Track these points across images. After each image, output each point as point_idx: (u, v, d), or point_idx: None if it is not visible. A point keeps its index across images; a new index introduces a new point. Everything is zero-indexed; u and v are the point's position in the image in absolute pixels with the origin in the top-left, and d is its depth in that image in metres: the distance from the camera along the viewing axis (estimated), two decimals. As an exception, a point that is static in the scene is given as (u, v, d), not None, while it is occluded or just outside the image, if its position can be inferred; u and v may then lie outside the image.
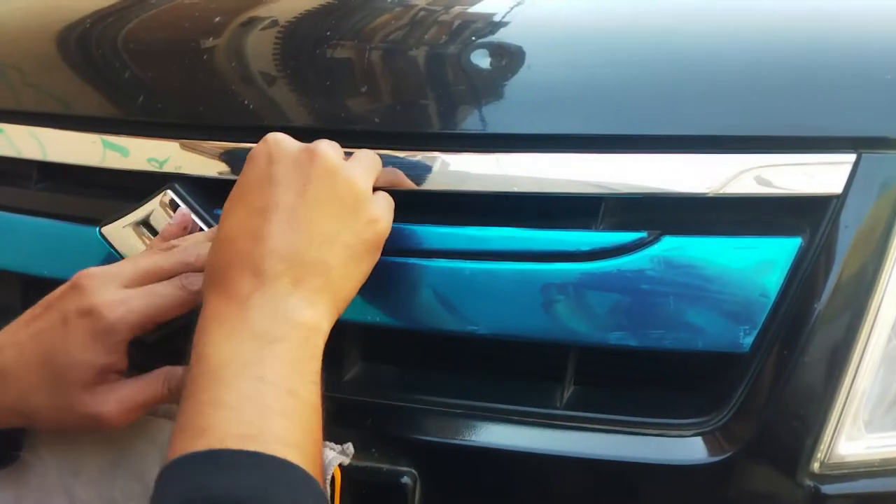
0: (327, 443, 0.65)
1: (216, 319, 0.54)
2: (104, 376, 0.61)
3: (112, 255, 0.73)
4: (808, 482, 0.59)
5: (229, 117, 0.73)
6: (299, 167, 0.58)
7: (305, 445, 0.50)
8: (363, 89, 0.72)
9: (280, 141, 0.60)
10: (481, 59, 0.68)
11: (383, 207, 0.61)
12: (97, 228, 0.73)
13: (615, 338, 0.62)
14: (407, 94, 0.70)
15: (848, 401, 0.59)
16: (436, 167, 0.65)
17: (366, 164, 0.62)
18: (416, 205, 0.67)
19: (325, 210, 0.57)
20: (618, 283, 0.62)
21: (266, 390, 0.51)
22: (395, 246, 0.65)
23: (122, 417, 0.62)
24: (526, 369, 0.68)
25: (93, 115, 0.82)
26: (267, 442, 0.48)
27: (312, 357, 0.54)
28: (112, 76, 0.84)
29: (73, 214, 0.77)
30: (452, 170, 0.65)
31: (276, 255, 0.55)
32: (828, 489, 0.59)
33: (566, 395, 0.65)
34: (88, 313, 0.61)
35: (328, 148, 0.60)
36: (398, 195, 0.67)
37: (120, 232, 0.73)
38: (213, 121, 0.74)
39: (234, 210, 0.59)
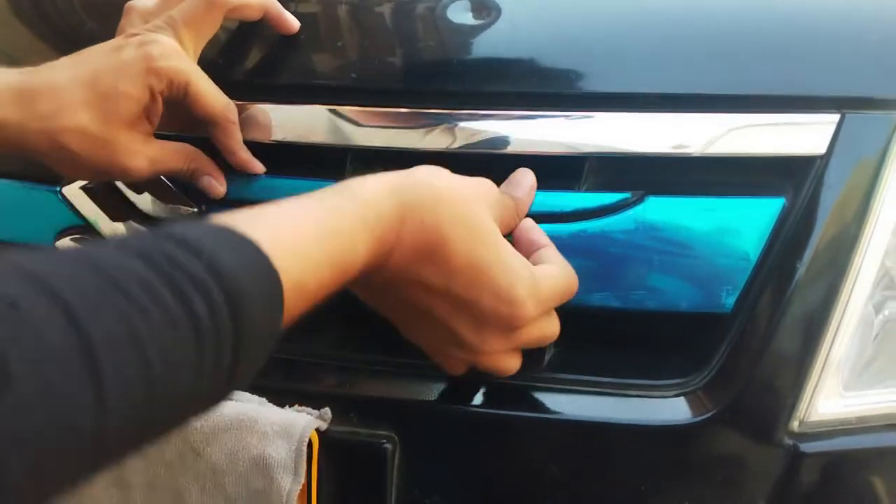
0: (304, 407, 0.64)
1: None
2: (143, 121, 0.63)
3: (73, 217, 0.70)
4: (788, 441, 0.59)
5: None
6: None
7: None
8: (337, 44, 0.70)
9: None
10: (462, 15, 0.66)
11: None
12: (57, 188, 0.70)
13: (598, 299, 0.62)
14: (382, 49, 0.68)
15: (827, 361, 0.59)
16: (416, 125, 0.63)
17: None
18: (394, 164, 0.65)
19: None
20: (601, 244, 0.61)
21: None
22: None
23: (147, 174, 0.64)
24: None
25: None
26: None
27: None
28: (67, 28, 0.80)
29: (32, 174, 0.73)
30: (433, 128, 0.63)
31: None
32: (807, 447, 0.59)
33: (548, 357, 0.64)
34: (144, 44, 0.62)
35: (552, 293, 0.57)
36: (376, 154, 0.65)
37: (81, 192, 0.70)
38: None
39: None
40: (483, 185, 0.59)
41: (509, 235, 0.60)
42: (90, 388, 0.32)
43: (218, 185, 0.67)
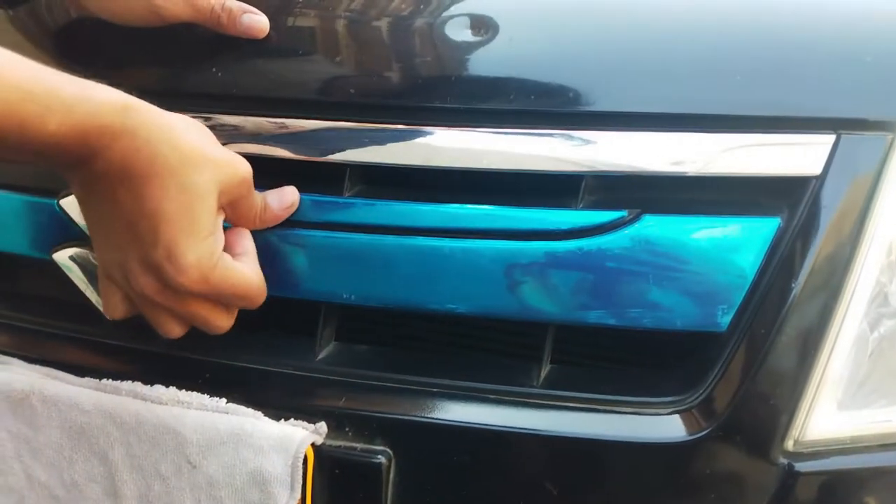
0: (299, 422, 0.64)
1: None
2: None
3: (72, 229, 0.70)
4: (783, 460, 0.59)
5: (195, 84, 0.71)
6: None
7: None
8: (336, 59, 0.70)
9: None
10: (460, 31, 0.67)
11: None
12: (55, 201, 0.70)
13: (594, 317, 0.62)
14: (382, 64, 0.69)
15: (822, 380, 0.60)
16: (415, 141, 0.64)
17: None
18: (393, 180, 0.66)
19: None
20: (598, 261, 0.61)
21: None
22: (372, 222, 0.64)
23: (182, 13, 0.69)
24: (502, 348, 0.68)
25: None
26: None
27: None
28: (61, 39, 0.80)
29: (30, 186, 0.73)
30: (432, 145, 0.63)
31: None
32: (801, 466, 0.59)
33: (543, 373, 0.65)
34: None
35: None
36: (375, 169, 0.66)
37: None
38: (169, 86, 0.72)
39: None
40: (237, 169, 0.61)
41: None
42: None
43: (260, 21, 0.69)
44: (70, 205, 0.70)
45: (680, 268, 0.61)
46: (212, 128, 0.67)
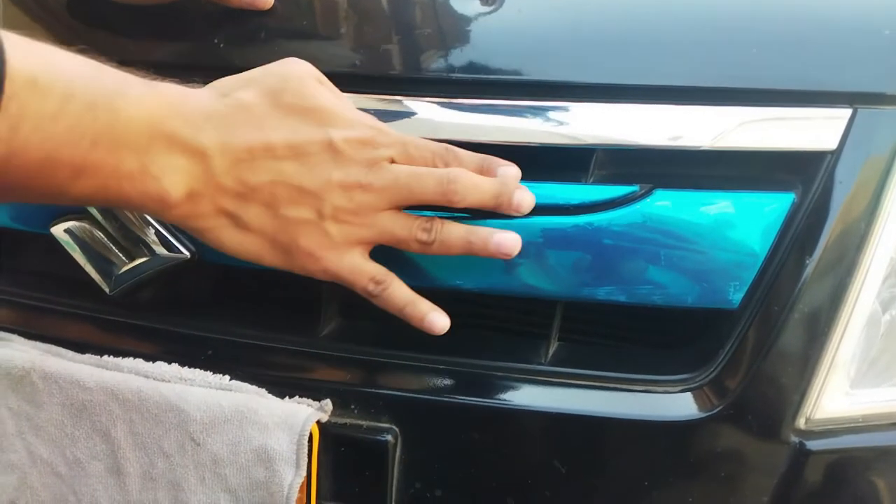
0: (304, 399, 0.63)
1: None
2: None
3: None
4: (794, 438, 0.59)
5: (199, 58, 0.70)
6: None
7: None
8: (342, 30, 0.68)
9: None
10: (469, 2, 0.65)
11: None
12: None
13: (603, 293, 0.61)
14: (388, 36, 0.67)
15: (834, 358, 0.59)
16: (421, 114, 0.62)
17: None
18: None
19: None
20: (608, 237, 0.60)
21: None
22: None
23: None
24: (509, 325, 0.67)
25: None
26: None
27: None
28: (65, 18, 0.79)
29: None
30: (438, 117, 0.62)
31: None
32: (813, 445, 0.59)
33: (551, 351, 0.64)
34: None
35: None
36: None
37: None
38: (174, 60, 0.70)
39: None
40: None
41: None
42: None
43: None
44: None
45: (692, 244, 0.60)
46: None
